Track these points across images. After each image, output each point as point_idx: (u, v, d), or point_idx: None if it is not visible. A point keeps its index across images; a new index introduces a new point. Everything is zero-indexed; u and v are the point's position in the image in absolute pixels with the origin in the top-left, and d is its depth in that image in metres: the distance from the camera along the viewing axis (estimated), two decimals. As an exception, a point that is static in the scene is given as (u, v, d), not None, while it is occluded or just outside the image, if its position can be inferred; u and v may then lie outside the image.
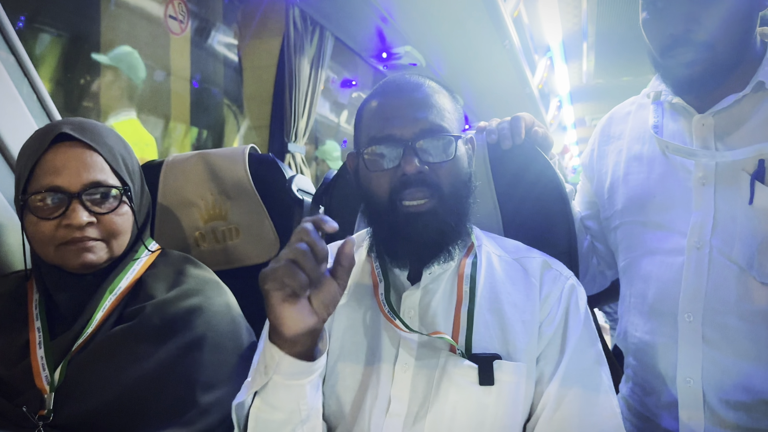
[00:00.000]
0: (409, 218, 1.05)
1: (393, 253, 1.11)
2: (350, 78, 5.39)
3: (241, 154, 1.56)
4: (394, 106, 1.08)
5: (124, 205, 1.17)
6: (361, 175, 1.12)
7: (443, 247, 1.09)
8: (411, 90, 1.10)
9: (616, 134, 1.44)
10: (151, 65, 3.49)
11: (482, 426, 1.03)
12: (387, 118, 1.07)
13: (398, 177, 1.04)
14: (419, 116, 1.06)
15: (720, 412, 1.17)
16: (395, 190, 1.05)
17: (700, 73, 1.17)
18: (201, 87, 3.94)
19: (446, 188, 1.06)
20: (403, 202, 1.05)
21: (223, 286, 1.25)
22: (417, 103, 1.07)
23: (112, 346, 1.10)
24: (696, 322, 1.19)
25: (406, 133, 1.05)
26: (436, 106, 1.08)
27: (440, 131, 1.06)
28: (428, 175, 1.05)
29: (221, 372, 1.12)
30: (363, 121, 1.13)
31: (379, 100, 1.11)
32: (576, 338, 1.07)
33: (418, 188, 1.04)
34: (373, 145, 1.07)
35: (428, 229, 1.05)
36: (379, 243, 1.14)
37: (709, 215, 1.19)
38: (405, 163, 1.03)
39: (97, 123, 1.21)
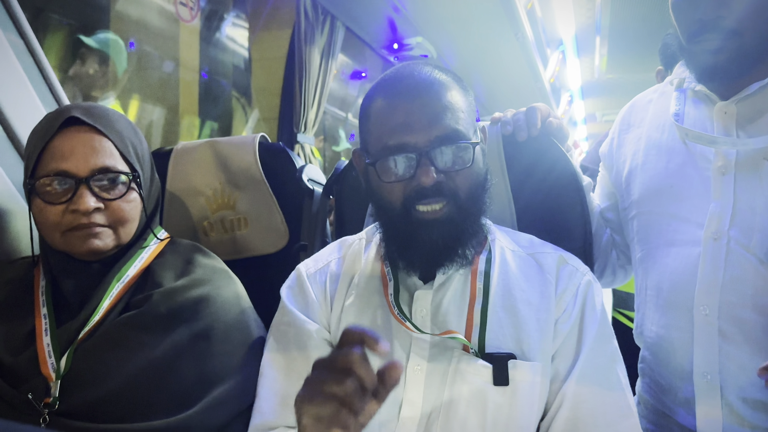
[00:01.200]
0: (425, 225, 1.01)
1: (407, 260, 1.08)
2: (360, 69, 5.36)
3: (251, 142, 1.54)
4: (406, 111, 1.01)
5: (133, 191, 1.16)
6: (373, 183, 1.07)
7: (460, 252, 1.05)
8: (423, 90, 1.02)
9: (636, 122, 1.41)
10: (160, 55, 3.48)
11: (496, 426, 1.01)
12: (399, 125, 1.00)
13: (413, 187, 1.00)
14: (433, 122, 1.00)
15: (738, 409, 1.14)
16: (410, 199, 1.01)
17: (725, 61, 1.14)
18: (210, 78, 3.93)
19: (463, 194, 1.03)
20: (418, 209, 1.01)
21: (232, 276, 1.23)
22: (430, 107, 1.01)
23: (118, 335, 1.08)
24: (712, 315, 1.15)
25: (420, 140, 0.99)
26: (450, 108, 1.02)
27: (456, 137, 1.01)
28: (444, 183, 1.01)
29: (229, 363, 1.10)
30: (371, 120, 1.07)
31: (388, 101, 1.04)
32: (592, 336, 1.05)
33: (435, 198, 1.00)
34: (386, 155, 1.01)
35: (444, 237, 1.02)
36: (391, 249, 1.10)
37: (728, 205, 1.16)
38: (421, 174, 0.99)
39: (107, 108, 1.19)
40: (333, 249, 1.22)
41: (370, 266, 1.15)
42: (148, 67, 3.48)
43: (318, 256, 1.22)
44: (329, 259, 1.19)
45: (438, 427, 1.01)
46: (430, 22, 4.09)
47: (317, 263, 1.19)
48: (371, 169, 1.05)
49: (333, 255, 1.20)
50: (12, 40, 1.45)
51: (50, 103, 1.54)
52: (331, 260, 1.19)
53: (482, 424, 1.00)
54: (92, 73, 2.99)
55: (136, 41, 3.27)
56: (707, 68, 1.18)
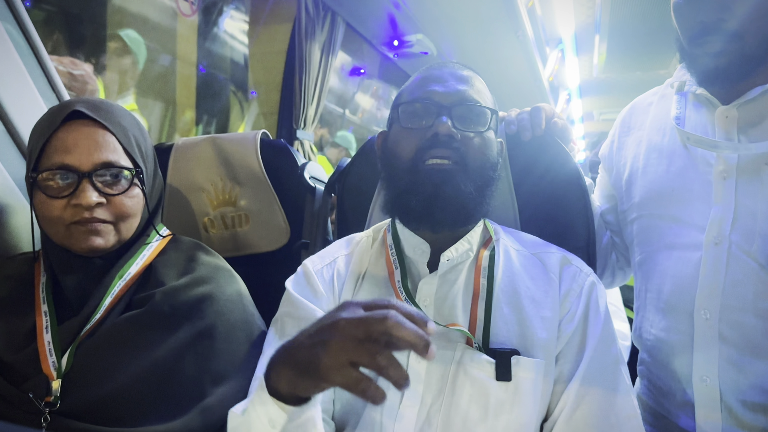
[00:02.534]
0: (430, 173, 1.05)
1: (405, 207, 1.09)
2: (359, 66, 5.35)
3: (252, 139, 1.53)
4: (437, 75, 1.13)
5: (135, 187, 1.15)
6: (392, 135, 1.15)
7: (457, 210, 1.06)
8: (456, 67, 1.16)
9: (637, 125, 1.40)
10: (158, 49, 3.46)
11: (497, 421, 1.01)
12: (428, 84, 1.12)
13: (428, 137, 1.06)
14: (459, 87, 1.11)
15: (738, 412, 1.14)
16: (422, 149, 1.06)
17: (726, 64, 1.14)
18: (208, 73, 3.91)
19: (471, 159, 1.07)
20: (426, 162, 1.06)
21: (234, 275, 1.23)
22: (459, 77, 1.13)
23: (121, 333, 1.07)
24: (713, 319, 1.16)
25: (444, 98, 1.09)
26: (476, 86, 1.14)
27: (476, 103, 1.11)
28: (458, 141, 1.06)
29: (232, 362, 1.10)
30: (404, 92, 1.18)
31: (422, 74, 1.17)
32: (596, 337, 1.05)
33: (446, 149, 1.05)
34: (411, 103, 1.11)
35: (447, 187, 1.05)
36: (393, 200, 1.12)
37: (729, 210, 1.16)
38: (438, 123, 1.05)
39: (112, 103, 1.18)
40: (340, 246, 1.22)
41: (376, 260, 1.15)
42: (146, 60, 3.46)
43: (324, 253, 1.21)
44: (336, 255, 1.19)
45: (439, 420, 1.01)
46: (430, 19, 4.08)
47: (324, 259, 1.18)
48: (394, 117, 1.15)
49: (340, 251, 1.20)
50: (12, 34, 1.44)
51: (51, 98, 1.53)
52: (338, 256, 1.18)
53: (483, 419, 1.00)
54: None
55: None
56: (709, 72, 1.17)
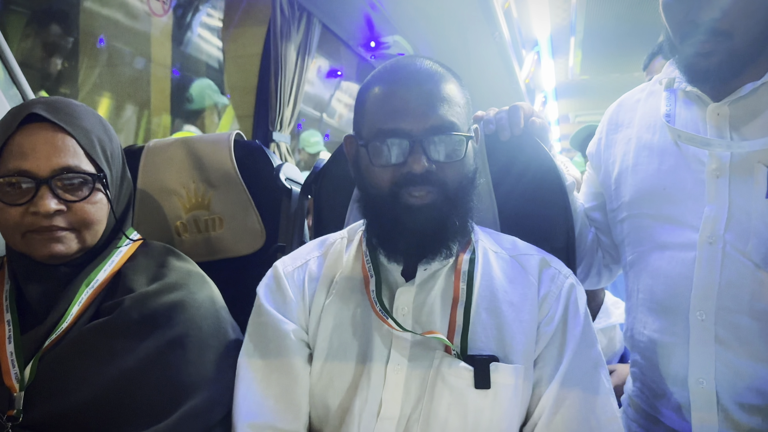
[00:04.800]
0: (411, 210, 1.00)
1: (390, 247, 1.06)
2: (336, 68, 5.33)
3: (225, 140, 1.50)
4: (403, 97, 1.01)
5: (98, 192, 1.10)
6: (362, 166, 1.06)
7: (443, 242, 1.04)
8: (421, 80, 1.02)
9: (625, 122, 1.39)
10: (132, 52, 3.41)
11: (477, 429, 0.99)
12: (395, 110, 1.00)
13: (403, 173, 0.99)
14: (429, 111, 1.00)
15: (734, 415, 1.13)
16: (398, 185, 1.00)
17: (717, 64, 1.13)
18: (182, 76, 3.86)
19: (452, 186, 1.02)
20: (405, 195, 1.00)
21: (207, 280, 1.19)
22: (427, 96, 1.01)
23: (87, 343, 1.04)
24: (708, 320, 1.14)
25: (415, 128, 0.99)
26: (447, 100, 1.02)
27: (451, 129, 1.01)
28: (435, 173, 1.00)
29: (204, 371, 1.06)
30: (366, 106, 1.06)
31: (386, 88, 1.04)
32: (576, 340, 1.04)
33: (423, 186, 0.99)
34: (380, 138, 1.01)
35: (430, 223, 1.00)
36: (375, 235, 1.09)
37: (723, 209, 1.14)
38: (413, 161, 0.98)
39: (74, 103, 1.13)
40: (313, 247, 1.19)
41: (351, 264, 1.12)
42: (119, 63, 3.40)
43: (296, 254, 1.18)
44: (308, 257, 1.16)
45: (418, 429, 0.99)
46: (407, 20, 4.08)
47: (295, 261, 1.16)
48: (362, 152, 1.04)
49: (313, 253, 1.17)
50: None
51: (14, 97, 1.48)
52: (310, 258, 1.16)
53: (463, 427, 0.99)
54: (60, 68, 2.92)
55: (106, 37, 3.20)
56: (699, 71, 1.16)
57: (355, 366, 1.04)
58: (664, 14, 1.19)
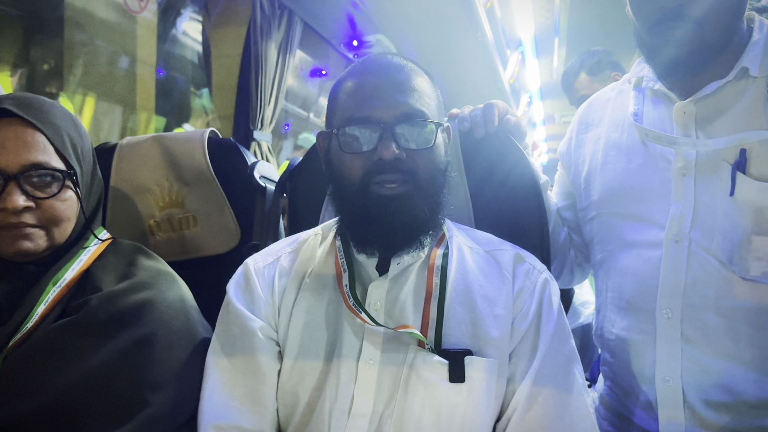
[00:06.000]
0: (382, 201, 1.00)
1: (362, 238, 1.05)
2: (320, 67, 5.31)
3: (199, 138, 1.48)
4: (374, 86, 1.03)
5: (68, 190, 1.09)
6: (333, 156, 1.07)
7: (415, 234, 1.04)
8: (392, 71, 1.05)
9: (595, 121, 1.39)
10: (116, 51, 3.38)
11: (451, 425, 0.98)
12: (365, 98, 1.02)
13: (373, 161, 1.00)
14: (399, 99, 1.02)
15: (701, 412, 1.14)
16: (369, 173, 1.00)
17: (687, 53, 1.13)
18: (167, 75, 3.83)
19: (422, 176, 1.02)
20: (376, 185, 1.00)
21: (177, 279, 1.17)
22: (397, 85, 1.03)
23: (52, 342, 1.02)
24: (675, 318, 1.15)
25: (385, 115, 1.00)
26: (417, 90, 1.04)
27: (420, 116, 1.02)
28: (405, 161, 1.00)
29: (172, 372, 1.04)
30: (339, 99, 1.08)
31: (357, 79, 1.06)
32: (549, 335, 1.03)
33: (393, 174, 0.99)
34: (350, 126, 1.02)
35: (401, 214, 1.00)
36: (347, 227, 1.08)
37: (688, 207, 1.15)
38: (382, 147, 0.99)
39: (44, 99, 1.12)
40: (285, 243, 1.18)
41: (324, 260, 1.12)
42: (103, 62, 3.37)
43: (268, 250, 1.17)
44: (280, 253, 1.15)
45: (391, 426, 0.98)
46: (389, 19, 4.07)
47: (266, 257, 1.15)
48: (333, 141, 1.05)
49: (284, 249, 1.16)
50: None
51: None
52: (281, 255, 1.15)
53: (437, 423, 0.98)
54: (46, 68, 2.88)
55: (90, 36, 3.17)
56: (669, 61, 1.16)
57: (325, 362, 1.03)
58: (632, 7, 1.19)
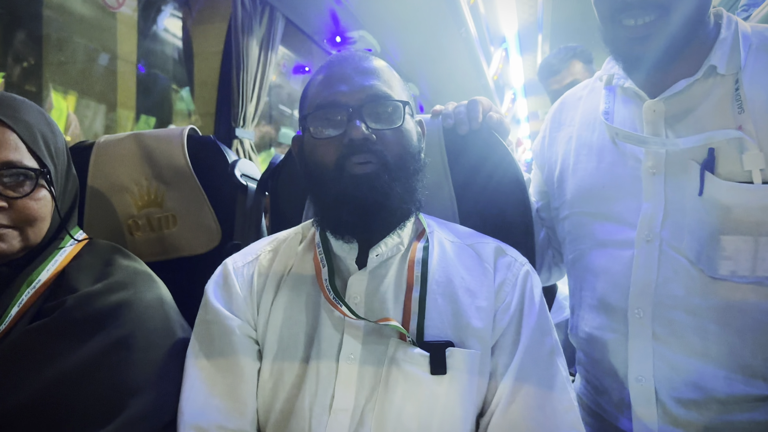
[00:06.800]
0: (355, 180, 1.00)
1: (337, 222, 1.05)
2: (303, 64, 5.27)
3: (178, 135, 1.46)
4: (340, 74, 1.06)
5: (42, 189, 1.07)
6: (306, 146, 1.08)
7: (389, 215, 1.04)
8: (358, 60, 1.08)
9: (567, 120, 1.39)
10: (96, 48, 3.34)
11: (432, 417, 0.98)
12: (332, 85, 1.05)
13: (344, 144, 1.01)
14: (365, 83, 1.04)
15: (673, 410, 1.14)
16: (341, 156, 1.01)
17: (653, 48, 1.11)
18: (148, 72, 3.79)
19: (392, 156, 1.02)
20: (348, 170, 1.00)
21: (155, 279, 1.15)
22: (363, 71, 1.06)
23: (26, 344, 0.99)
24: (646, 317, 1.15)
25: (351, 99, 1.03)
26: (382, 77, 1.07)
27: (387, 98, 1.04)
28: (375, 142, 1.01)
29: (151, 373, 1.02)
30: (309, 93, 1.10)
31: (323, 72, 1.09)
32: (531, 328, 1.03)
33: (364, 155, 1.00)
34: (319, 112, 1.04)
35: (373, 192, 1.00)
36: (323, 215, 1.08)
37: (659, 206, 1.15)
38: (351, 129, 1.00)
39: (15, 97, 1.09)
40: (264, 242, 1.18)
41: (303, 258, 1.11)
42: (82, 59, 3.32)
43: (247, 250, 1.17)
44: (259, 252, 1.14)
45: (373, 419, 0.97)
46: (372, 15, 4.05)
47: (246, 257, 1.14)
48: (306, 133, 1.07)
49: (264, 248, 1.15)
50: None
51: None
52: (261, 253, 1.14)
53: (418, 416, 0.97)
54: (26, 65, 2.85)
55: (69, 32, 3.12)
56: (634, 55, 1.15)
57: (305, 358, 1.02)
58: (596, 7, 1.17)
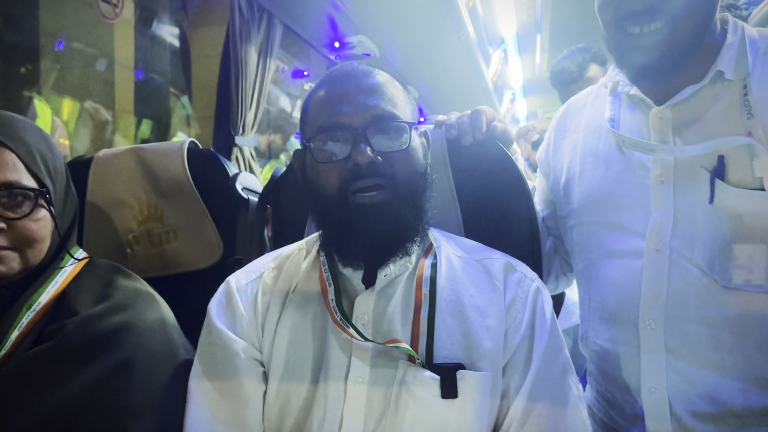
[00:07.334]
0: (362, 210, 0.97)
1: (345, 251, 1.02)
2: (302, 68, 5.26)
3: (178, 149, 1.44)
4: (342, 93, 1.01)
5: (41, 209, 1.05)
6: (309, 169, 1.04)
7: (399, 242, 1.00)
8: (360, 76, 1.04)
9: (572, 127, 1.37)
10: (94, 53, 3.33)
11: None
12: (334, 105, 1.00)
13: (349, 168, 0.97)
14: (369, 103, 1.00)
15: (688, 423, 1.12)
16: (346, 181, 0.97)
17: (657, 57, 1.10)
18: (146, 77, 3.78)
19: (401, 179, 0.99)
20: (355, 195, 0.97)
21: (157, 299, 1.13)
22: (367, 90, 1.01)
23: (26, 370, 0.97)
24: (658, 329, 1.13)
25: (356, 120, 0.98)
26: (387, 94, 1.02)
27: (392, 119, 1.00)
28: (381, 165, 0.97)
29: (153, 398, 1.00)
30: (309, 112, 1.06)
31: (325, 89, 1.04)
32: (543, 347, 1.01)
33: (371, 179, 0.96)
34: (322, 135, 1.00)
35: (383, 221, 0.97)
36: (329, 241, 1.05)
37: (668, 215, 1.13)
38: (356, 153, 0.96)
39: (13, 116, 1.07)
40: (268, 259, 1.15)
41: (308, 275, 1.08)
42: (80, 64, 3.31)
43: (250, 267, 1.14)
44: (263, 269, 1.11)
45: None
46: (371, 20, 4.03)
47: (249, 274, 1.11)
48: (308, 154, 1.03)
49: (268, 265, 1.12)
50: None
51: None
52: (264, 271, 1.11)
53: None
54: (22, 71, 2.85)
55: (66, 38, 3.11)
56: (639, 65, 1.13)
57: (311, 381, 0.99)
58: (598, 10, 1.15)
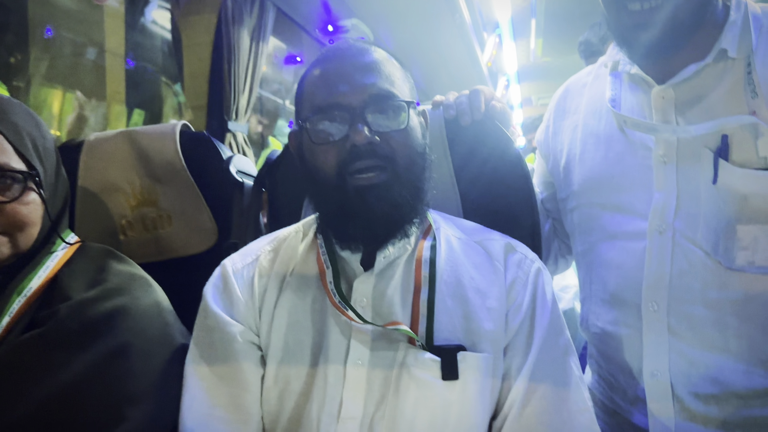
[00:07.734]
0: (361, 192, 0.95)
1: (343, 234, 1.01)
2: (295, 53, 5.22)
3: (171, 132, 1.42)
4: (339, 72, 0.99)
5: (31, 192, 1.03)
6: (306, 151, 1.02)
7: (399, 223, 0.99)
8: (356, 54, 1.01)
9: (572, 108, 1.35)
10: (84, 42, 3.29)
11: (446, 425, 0.95)
12: (331, 85, 0.98)
13: (347, 149, 0.95)
14: (366, 81, 0.97)
15: (690, 405, 1.11)
16: (344, 163, 0.95)
17: (658, 35, 1.08)
18: (137, 65, 3.74)
19: (400, 159, 0.97)
20: (353, 176, 0.95)
21: (152, 284, 1.11)
22: (363, 68, 0.99)
23: (19, 356, 0.96)
24: (661, 311, 1.12)
25: (353, 100, 0.96)
26: (384, 72, 1.00)
27: (390, 97, 0.98)
28: (379, 145, 0.96)
29: (150, 383, 0.99)
30: (305, 91, 1.03)
31: (320, 68, 1.02)
32: (544, 328, 1.00)
33: (369, 159, 0.95)
34: (318, 115, 0.98)
35: (382, 203, 0.95)
36: (327, 224, 1.04)
37: (671, 196, 1.11)
38: (354, 133, 0.94)
39: (1, 97, 1.04)
40: (264, 242, 1.13)
41: (306, 258, 1.07)
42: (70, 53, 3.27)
43: (246, 250, 1.12)
44: (259, 252, 1.10)
45: (383, 428, 0.94)
46: (365, 3, 3.99)
47: (245, 258, 1.10)
48: (304, 136, 1.00)
49: (264, 248, 1.11)
50: None
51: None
52: (261, 254, 1.09)
53: (431, 423, 0.94)
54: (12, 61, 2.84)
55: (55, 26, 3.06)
56: (640, 43, 1.11)
57: (311, 364, 0.98)
58: None
